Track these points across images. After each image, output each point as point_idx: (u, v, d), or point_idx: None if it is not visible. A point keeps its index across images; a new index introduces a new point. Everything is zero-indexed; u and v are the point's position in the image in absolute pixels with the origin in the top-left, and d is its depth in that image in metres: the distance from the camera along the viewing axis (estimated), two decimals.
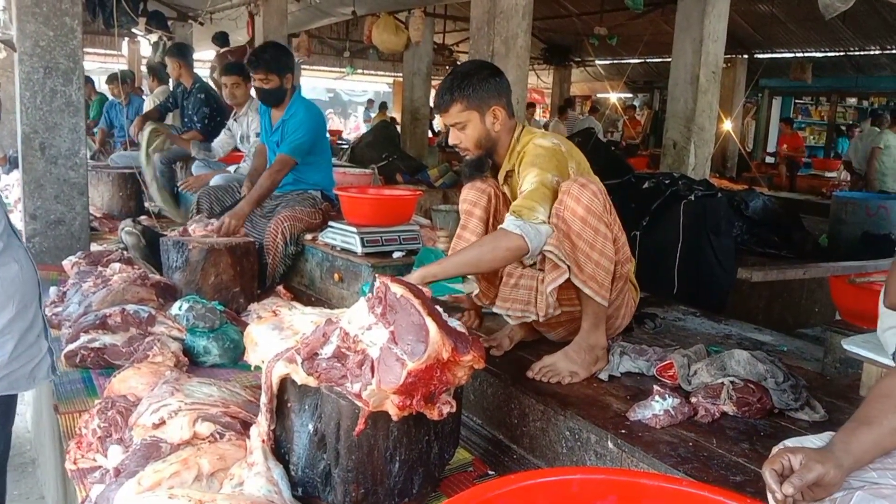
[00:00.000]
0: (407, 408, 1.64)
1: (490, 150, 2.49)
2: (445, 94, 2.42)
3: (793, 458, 1.27)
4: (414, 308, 1.68)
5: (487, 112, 2.42)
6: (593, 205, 2.25)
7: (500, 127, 2.44)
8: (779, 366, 2.16)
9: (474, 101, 2.40)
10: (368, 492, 1.74)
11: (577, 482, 1.25)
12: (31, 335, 2.08)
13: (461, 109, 2.41)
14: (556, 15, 12.43)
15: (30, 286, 2.09)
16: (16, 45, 3.97)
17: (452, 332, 1.72)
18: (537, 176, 2.29)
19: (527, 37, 4.46)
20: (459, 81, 2.40)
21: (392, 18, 9.86)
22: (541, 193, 2.26)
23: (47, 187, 4.06)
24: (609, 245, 2.31)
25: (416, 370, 1.61)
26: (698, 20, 6.03)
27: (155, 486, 1.63)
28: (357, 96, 27.08)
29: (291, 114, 4.15)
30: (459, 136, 2.46)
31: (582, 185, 2.26)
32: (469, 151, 2.49)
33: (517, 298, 2.45)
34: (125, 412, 2.02)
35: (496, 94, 2.43)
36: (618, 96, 15.62)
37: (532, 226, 2.20)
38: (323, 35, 14.66)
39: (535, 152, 2.37)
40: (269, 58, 4.08)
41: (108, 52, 13.32)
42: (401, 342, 1.65)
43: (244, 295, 3.44)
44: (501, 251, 2.23)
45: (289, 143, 4.06)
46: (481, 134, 2.44)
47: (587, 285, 2.28)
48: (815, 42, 11.72)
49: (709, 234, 4.11)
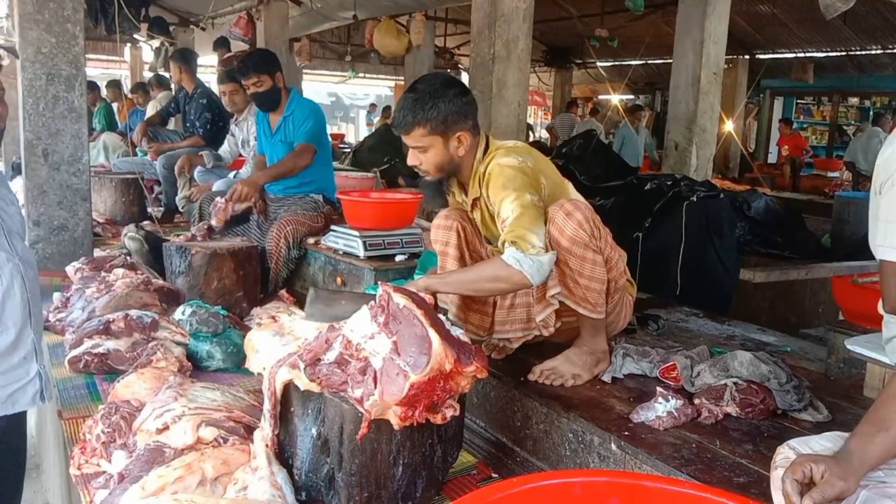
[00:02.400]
0: (409, 418, 1.64)
1: (452, 173, 2.40)
2: (408, 114, 2.25)
3: (814, 469, 1.26)
4: (417, 319, 1.68)
5: (452, 137, 2.28)
6: (578, 235, 2.20)
7: (465, 151, 2.32)
8: (782, 367, 2.16)
9: (438, 126, 2.25)
10: (372, 496, 1.74)
11: (579, 485, 1.25)
12: (14, 356, 1.94)
13: (423, 134, 2.26)
14: (557, 17, 12.43)
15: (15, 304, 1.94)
16: (18, 52, 3.98)
17: (455, 342, 1.72)
18: (515, 200, 2.19)
19: (528, 39, 4.47)
20: (423, 103, 2.23)
21: (393, 22, 9.87)
22: (528, 217, 2.17)
23: (50, 193, 4.07)
24: (599, 269, 2.27)
25: (418, 382, 1.61)
26: (699, 21, 6.03)
27: (159, 491, 1.63)
28: (359, 100, 27.08)
29: (292, 110, 4.19)
30: (420, 157, 2.32)
31: (567, 215, 2.20)
32: (429, 174, 2.37)
33: (515, 319, 2.44)
34: (129, 417, 2.02)
35: (463, 116, 2.28)
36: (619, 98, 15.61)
37: (533, 259, 2.12)
38: (324, 39, 14.68)
39: (503, 174, 2.25)
40: (256, 60, 4.12)
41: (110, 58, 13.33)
42: (403, 353, 1.65)
43: (247, 299, 3.44)
44: (501, 283, 2.18)
45: (302, 132, 4.13)
46: (443, 159, 2.31)
47: (580, 306, 2.28)
48: (816, 42, 11.72)
49: (711, 235, 4.10)
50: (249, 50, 4.37)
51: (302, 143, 4.10)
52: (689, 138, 6.14)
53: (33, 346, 2.02)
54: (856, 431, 1.37)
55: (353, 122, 26.81)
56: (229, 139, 5.27)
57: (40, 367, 2.03)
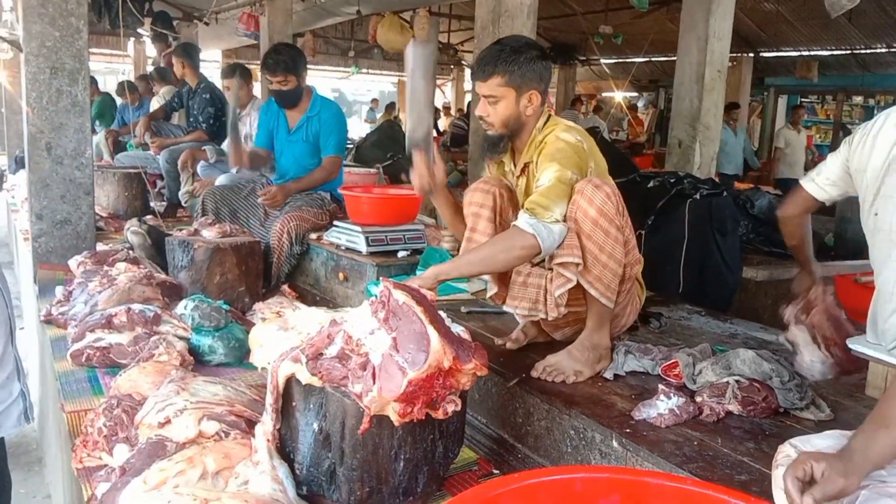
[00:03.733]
0: (408, 415, 1.64)
1: (515, 131, 2.43)
2: (489, 63, 2.32)
3: (815, 466, 1.26)
4: (416, 316, 1.68)
5: (525, 94, 2.35)
6: (606, 207, 2.22)
7: (532, 112, 2.38)
8: (784, 365, 2.15)
9: (516, 80, 2.32)
10: (373, 490, 1.74)
11: (580, 481, 1.25)
12: None
13: (500, 84, 2.33)
14: (561, 14, 12.43)
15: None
16: (22, 46, 3.98)
17: (455, 339, 1.72)
18: (556, 172, 2.24)
19: (532, 36, 4.46)
20: (507, 55, 2.31)
21: (397, 18, 9.87)
22: (557, 191, 2.22)
23: (53, 187, 4.07)
24: (619, 248, 2.28)
25: (416, 379, 1.61)
26: (703, 19, 6.02)
27: (160, 484, 1.63)
28: (362, 96, 27.07)
29: (317, 112, 4.20)
30: (489, 109, 2.38)
31: (596, 187, 2.23)
32: (493, 127, 2.42)
33: (525, 297, 2.42)
34: (131, 411, 2.03)
35: (538, 78, 2.35)
36: (623, 95, 15.60)
37: (545, 225, 2.16)
38: (328, 35, 14.69)
39: (556, 146, 2.31)
40: (287, 60, 4.11)
41: (113, 52, 13.35)
42: (402, 350, 1.65)
43: (249, 294, 3.44)
44: (515, 251, 2.19)
45: (332, 145, 4.23)
46: (512, 114, 2.37)
47: (593, 286, 2.27)
48: (820, 40, 11.69)
49: (714, 233, 4.09)
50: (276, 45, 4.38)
51: (332, 156, 4.23)
52: (692, 136, 6.13)
53: (16, 363, 1.94)
54: (859, 430, 1.37)
55: (356, 117, 26.80)
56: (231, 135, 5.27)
57: (22, 385, 1.94)
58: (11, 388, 1.90)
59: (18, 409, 1.94)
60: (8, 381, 1.89)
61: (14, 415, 1.91)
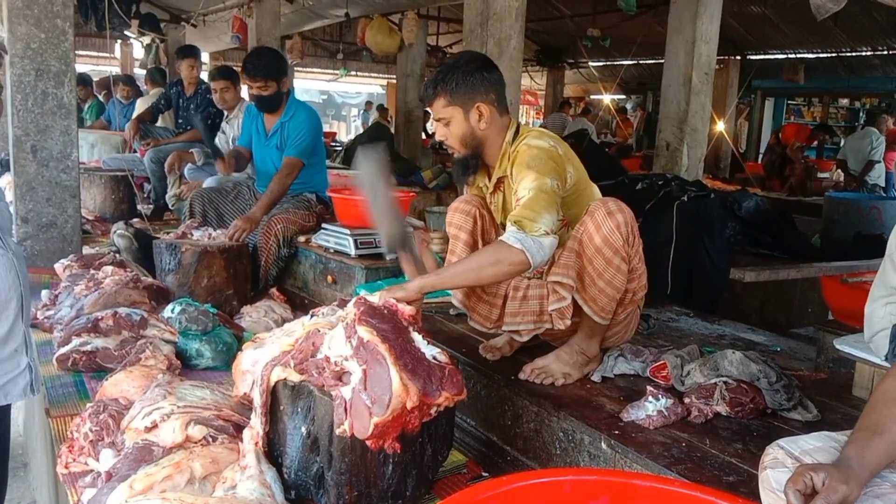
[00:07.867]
0: (380, 447, 1.67)
1: (477, 149, 2.36)
2: (430, 86, 2.32)
3: (815, 477, 1.26)
4: (381, 355, 1.67)
5: (471, 109, 2.28)
6: (612, 237, 2.19)
7: (487, 126, 2.30)
8: (772, 366, 2.16)
9: (457, 97, 2.27)
10: (362, 494, 1.73)
11: (569, 483, 1.25)
12: (5, 348, 1.97)
13: (444, 105, 2.29)
14: (550, 17, 12.46)
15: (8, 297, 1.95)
16: (7, 48, 3.95)
17: (424, 372, 1.71)
18: (535, 181, 2.15)
19: (520, 38, 4.47)
20: (443, 75, 2.28)
21: (385, 20, 9.85)
22: (542, 201, 2.13)
23: (39, 190, 4.04)
24: (619, 277, 2.24)
25: (382, 423, 1.63)
26: (690, 21, 6.05)
27: (147, 489, 1.62)
28: (351, 98, 27.04)
29: (291, 116, 4.15)
30: (444, 132, 2.35)
31: (608, 214, 2.20)
32: (454, 149, 2.38)
33: (528, 311, 2.37)
34: (117, 416, 2.01)
35: (482, 90, 2.28)
36: (611, 98, 15.65)
37: (534, 239, 2.07)
38: (316, 37, 14.65)
39: (529, 153, 2.23)
40: (267, 64, 4.06)
41: (100, 54, 13.27)
42: (369, 388, 1.65)
43: (237, 297, 3.43)
44: (503, 266, 2.09)
45: (295, 146, 4.07)
46: (465, 132, 2.31)
47: (587, 305, 2.26)
48: (807, 43, 11.77)
49: (702, 235, 4.12)
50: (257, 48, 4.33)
51: (291, 157, 4.01)
52: (680, 138, 6.16)
53: (24, 339, 2.04)
54: (850, 439, 1.37)
55: (344, 119, 26.76)
56: (220, 136, 5.25)
57: (30, 359, 2.05)
58: (19, 360, 2.01)
59: (25, 380, 2.03)
60: (16, 353, 2.00)
61: (20, 385, 2.02)
